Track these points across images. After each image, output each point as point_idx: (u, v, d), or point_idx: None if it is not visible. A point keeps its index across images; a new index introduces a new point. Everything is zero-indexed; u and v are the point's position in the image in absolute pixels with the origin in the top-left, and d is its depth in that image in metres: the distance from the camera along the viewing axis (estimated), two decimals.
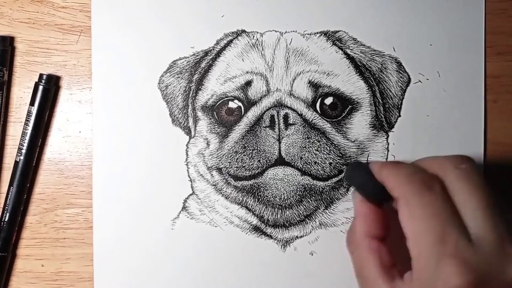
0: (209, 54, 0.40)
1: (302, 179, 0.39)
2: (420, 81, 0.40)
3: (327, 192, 0.39)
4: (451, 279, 0.25)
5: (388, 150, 0.40)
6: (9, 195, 0.39)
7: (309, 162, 0.39)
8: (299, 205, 0.40)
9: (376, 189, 0.31)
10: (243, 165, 0.39)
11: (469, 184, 0.28)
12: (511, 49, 0.40)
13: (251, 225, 0.40)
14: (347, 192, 0.39)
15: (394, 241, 0.30)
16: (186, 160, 0.40)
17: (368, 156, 0.39)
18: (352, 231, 0.32)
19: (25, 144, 0.39)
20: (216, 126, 0.40)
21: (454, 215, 0.27)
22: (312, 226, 0.40)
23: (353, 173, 0.34)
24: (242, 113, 0.40)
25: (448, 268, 0.26)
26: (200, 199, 0.40)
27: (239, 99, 0.40)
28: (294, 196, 0.39)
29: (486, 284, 0.25)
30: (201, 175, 0.40)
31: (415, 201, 0.27)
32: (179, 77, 0.40)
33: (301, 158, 0.39)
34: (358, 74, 0.40)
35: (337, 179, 0.39)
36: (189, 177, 0.40)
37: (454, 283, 0.25)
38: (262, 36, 0.40)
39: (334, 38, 0.40)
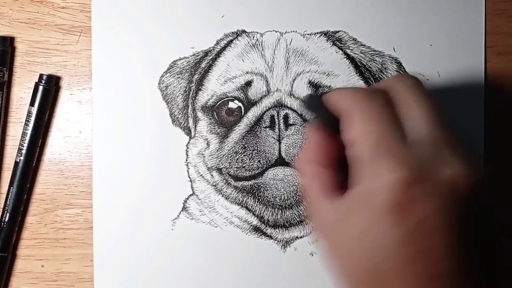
0: (209, 54, 0.40)
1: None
2: None
3: None
4: (385, 175, 0.25)
5: None
6: (9, 196, 0.39)
7: None
8: (299, 206, 0.40)
9: (328, 116, 0.30)
10: (243, 166, 0.39)
11: (413, 95, 0.28)
12: (511, 49, 0.40)
13: (251, 225, 0.40)
14: None
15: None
16: (186, 160, 0.40)
17: None
18: (299, 157, 0.32)
19: (25, 145, 0.39)
20: (216, 127, 0.40)
21: (395, 122, 0.27)
22: (312, 226, 0.40)
23: (310, 102, 0.33)
24: (242, 113, 0.40)
25: (382, 166, 0.26)
26: (200, 199, 0.40)
27: (239, 100, 0.40)
28: (294, 197, 0.39)
29: (420, 181, 0.25)
30: (201, 175, 0.40)
31: (356, 110, 0.27)
32: (179, 77, 0.40)
33: None
34: (358, 74, 0.40)
35: None
36: (189, 177, 0.40)
37: (387, 178, 0.25)
38: (262, 36, 0.40)
39: (334, 38, 0.40)
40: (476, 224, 0.27)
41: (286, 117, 0.39)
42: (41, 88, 0.39)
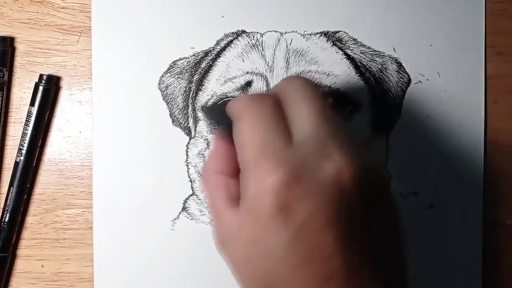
0: (209, 55, 0.40)
1: None
2: (420, 81, 0.40)
3: None
4: (264, 177, 0.25)
5: (388, 151, 0.40)
6: (9, 196, 0.39)
7: None
8: None
9: (231, 124, 0.30)
10: None
11: (299, 95, 0.28)
12: (511, 49, 0.40)
13: None
14: None
15: None
16: (186, 160, 0.40)
17: None
18: (204, 167, 0.32)
19: (25, 145, 0.39)
20: (216, 127, 0.40)
21: (281, 124, 0.27)
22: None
23: (213, 111, 0.34)
24: None
25: (263, 168, 0.25)
26: (200, 199, 0.40)
27: None
28: None
29: (300, 180, 0.25)
30: (201, 175, 0.40)
31: (244, 114, 0.27)
32: (179, 77, 0.40)
33: None
34: (358, 74, 0.40)
35: None
36: (189, 177, 0.40)
37: (269, 181, 0.25)
38: (262, 36, 0.40)
39: (334, 38, 0.40)
40: (385, 216, 0.26)
41: None
42: (41, 88, 0.39)
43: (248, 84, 0.40)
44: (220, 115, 0.31)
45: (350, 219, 0.25)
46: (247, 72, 0.40)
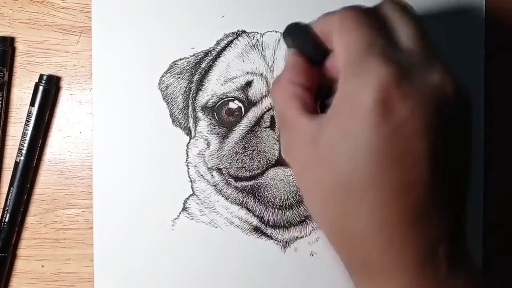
0: (209, 55, 0.40)
1: None
2: None
3: None
4: (371, 72, 0.25)
5: None
6: (9, 196, 0.39)
7: None
8: (299, 206, 0.40)
9: (313, 44, 0.29)
10: (243, 166, 0.39)
11: (403, 14, 0.28)
12: (511, 49, 0.40)
13: (251, 225, 0.40)
14: None
15: None
16: (187, 160, 0.40)
17: None
18: (278, 78, 0.31)
19: (25, 145, 0.39)
20: (216, 127, 0.40)
21: (385, 31, 0.27)
22: (312, 226, 0.40)
23: (291, 31, 0.31)
24: (243, 113, 0.40)
25: (370, 63, 0.25)
26: (200, 199, 0.40)
27: (240, 100, 0.40)
28: (295, 197, 0.39)
29: (408, 79, 0.25)
30: (201, 175, 0.40)
31: (346, 20, 0.27)
32: (179, 77, 0.40)
33: None
34: None
35: None
36: (189, 177, 0.40)
37: (374, 75, 0.25)
38: (262, 36, 0.40)
39: None
40: (462, 140, 0.27)
41: None
42: (41, 88, 0.39)
43: (248, 84, 0.40)
44: (300, 34, 0.30)
45: (439, 132, 0.25)
46: (247, 72, 0.40)
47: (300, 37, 0.30)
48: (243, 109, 0.40)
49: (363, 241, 0.26)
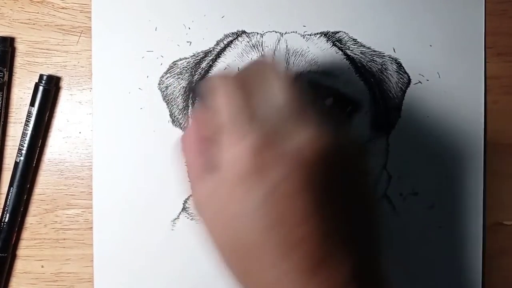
0: (209, 55, 0.40)
1: None
2: (420, 82, 0.40)
3: None
4: (238, 141, 0.26)
5: (388, 151, 0.40)
6: (9, 196, 0.39)
7: None
8: None
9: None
10: None
11: (273, 73, 0.29)
12: (511, 49, 0.40)
13: None
14: None
15: None
16: None
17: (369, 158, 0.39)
18: (186, 134, 0.32)
19: (25, 145, 0.39)
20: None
21: (249, 96, 0.28)
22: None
23: (198, 88, 0.34)
24: None
25: (236, 133, 0.26)
26: None
27: None
28: None
29: (272, 145, 0.26)
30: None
31: (221, 86, 0.28)
32: (179, 77, 0.40)
33: None
34: (358, 75, 0.40)
35: None
36: (189, 178, 0.40)
37: (241, 145, 0.26)
38: (262, 37, 0.40)
39: (334, 39, 0.40)
40: (357, 185, 0.28)
41: None
42: (41, 88, 0.39)
43: None
44: (201, 91, 0.32)
45: (319, 187, 0.26)
46: None
47: (200, 92, 0.33)
48: None
49: None
